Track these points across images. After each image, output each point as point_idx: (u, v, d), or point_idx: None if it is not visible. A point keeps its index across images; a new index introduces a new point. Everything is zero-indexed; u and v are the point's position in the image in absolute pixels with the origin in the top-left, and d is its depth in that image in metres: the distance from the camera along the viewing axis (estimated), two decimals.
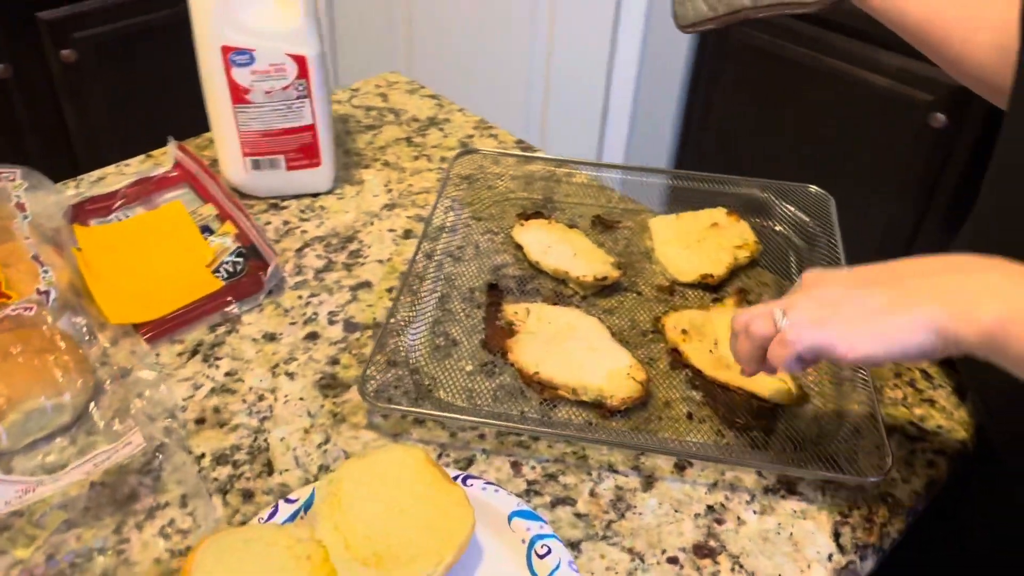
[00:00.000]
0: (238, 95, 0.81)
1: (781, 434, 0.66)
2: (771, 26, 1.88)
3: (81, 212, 0.84)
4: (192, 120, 0.91)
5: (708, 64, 2.06)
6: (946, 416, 0.69)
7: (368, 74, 1.14)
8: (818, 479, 0.63)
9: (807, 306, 0.51)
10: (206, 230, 0.83)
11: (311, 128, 0.85)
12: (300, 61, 0.80)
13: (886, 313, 0.48)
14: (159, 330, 0.73)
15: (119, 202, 0.85)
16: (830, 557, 0.58)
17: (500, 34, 2.15)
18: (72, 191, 0.88)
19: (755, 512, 0.61)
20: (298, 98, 0.82)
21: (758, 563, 0.58)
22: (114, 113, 1.83)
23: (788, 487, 0.63)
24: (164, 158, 0.93)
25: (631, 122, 2.22)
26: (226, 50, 0.78)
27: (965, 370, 0.71)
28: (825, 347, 0.49)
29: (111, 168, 0.93)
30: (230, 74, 0.80)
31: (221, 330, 0.74)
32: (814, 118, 1.91)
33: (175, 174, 0.89)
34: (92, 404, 0.64)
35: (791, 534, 0.59)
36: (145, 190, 0.87)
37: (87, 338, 0.69)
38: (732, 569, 0.57)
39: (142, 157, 0.95)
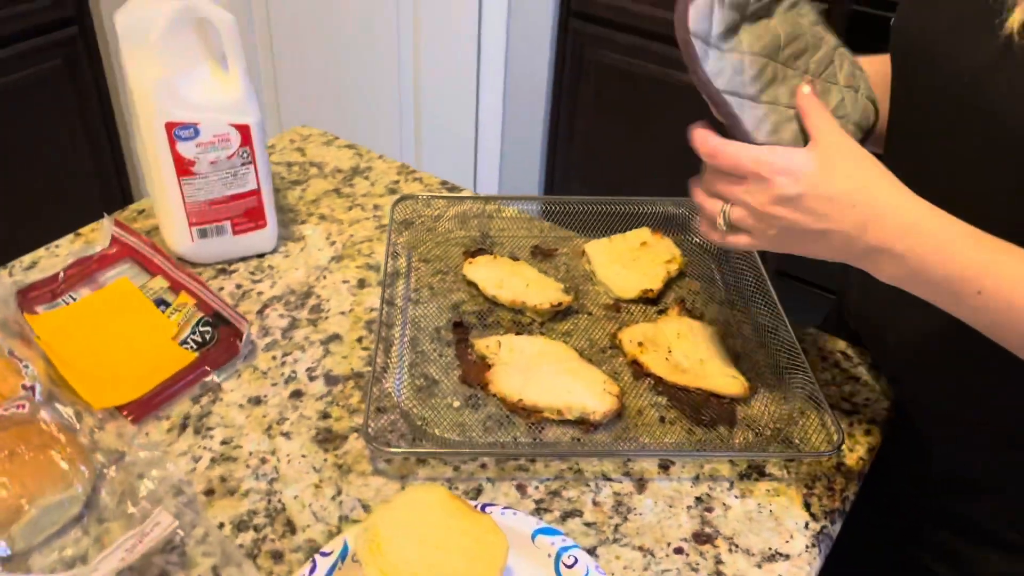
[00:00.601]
0: (183, 168, 0.82)
1: (742, 424, 0.75)
2: (623, 46, 2.02)
3: (25, 300, 0.82)
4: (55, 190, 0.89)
5: (567, 86, 2.18)
6: (869, 389, 0.80)
7: None
8: (782, 459, 0.72)
9: (747, 218, 0.62)
10: (161, 303, 0.83)
11: (256, 192, 0.87)
12: (243, 129, 0.83)
13: (808, 248, 0.62)
14: (142, 409, 0.73)
15: (62, 285, 0.84)
16: (807, 526, 0.67)
17: (367, 71, 2.19)
18: (8, 280, 0.85)
19: (736, 497, 0.69)
20: (243, 165, 0.84)
21: (750, 541, 0.66)
22: None
23: (759, 471, 0.71)
24: (95, 235, 0.92)
25: (502, 148, 2.32)
26: (170, 126, 0.80)
27: (874, 355, 0.83)
28: (750, 249, 0.66)
29: (41, 251, 0.91)
30: (175, 148, 0.81)
31: (204, 400, 0.75)
32: (670, 130, 2.05)
33: (115, 251, 0.88)
34: (103, 492, 0.65)
35: (771, 511, 0.68)
36: (86, 270, 0.86)
37: (77, 427, 0.68)
38: (730, 550, 0.65)
39: (71, 237, 0.93)
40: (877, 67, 0.75)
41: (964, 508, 0.75)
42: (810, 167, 0.60)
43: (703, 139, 0.64)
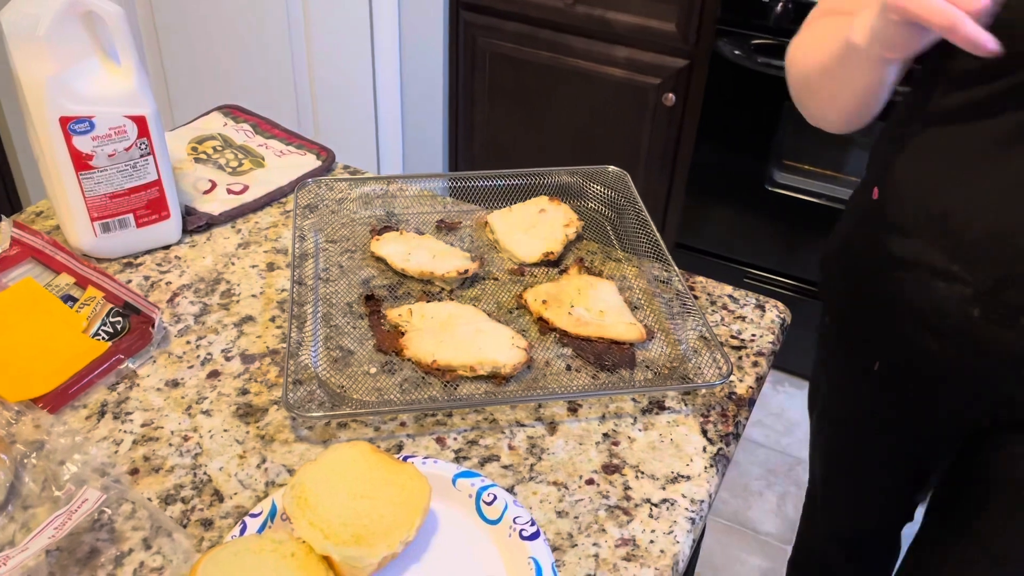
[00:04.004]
0: (81, 162, 0.82)
1: (641, 366, 0.80)
2: (512, 34, 2.07)
3: None
4: None
5: (463, 76, 2.22)
6: (755, 326, 0.87)
7: None
8: (679, 393, 0.78)
9: None
10: (68, 299, 0.83)
11: (157, 183, 0.88)
12: (139, 121, 0.83)
13: None
14: (56, 401, 0.74)
15: None
16: (704, 449, 0.73)
17: (259, 66, 2.18)
18: None
19: (640, 430, 0.75)
20: (141, 156, 0.85)
21: (654, 467, 0.71)
22: None
23: (659, 405, 0.77)
24: None
25: (403, 142, 2.34)
26: (64, 120, 0.80)
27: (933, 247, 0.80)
28: None
29: None
30: (71, 143, 0.81)
31: (121, 387, 0.76)
32: (566, 112, 2.13)
33: (15, 252, 0.87)
34: (27, 479, 0.65)
35: (672, 439, 0.74)
36: None
37: None
38: (636, 476, 0.70)
39: None
40: None
41: None
42: None
43: None
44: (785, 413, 2.06)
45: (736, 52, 1.80)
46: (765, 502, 1.85)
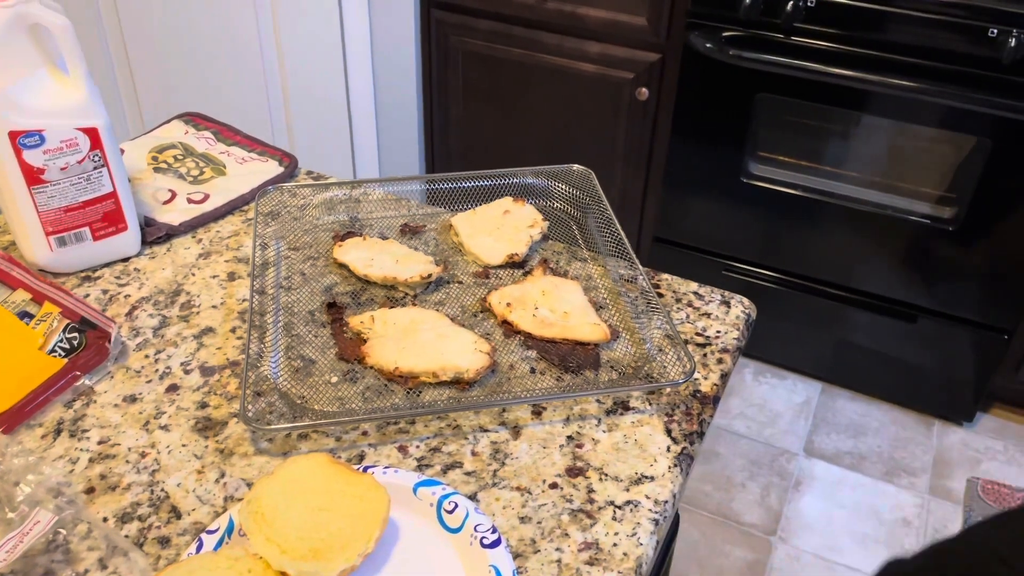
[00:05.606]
0: (33, 177, 0.81)
1: (606, 366, 0.80)
2: (485, 32, 2.06)
3: None
4: None
5: (436, 75, 2.21)
6: (720, 323, 0.86)
7: None
8: (644, 393, 0.77)
9: None
10: (24, 316, 0.82)
11: (113, 195, 0.86)
12: (91, 133, 0.82)
13: None
14: (11, 420, 0.72)
15: None
16: (668, 449, 0.73)
17: (230, 73, 2.16)
18: None
19: (604, 431, 0.74)
20: (95, 169, 0.84)
21: (618, 468, 0.71)
22: None
23: (623, 406, 0.77)
24: None
25: (378, 143, 2.33)
26: (13, 135, 0.79)
27: None
28: None
29: None
30: (21, 157, 0.80)
31: (78, 404, 0.75)
32: (541, 109, 2.13)
33: None
34: None
35: (636, 440, 0.73)
36: None
37: None
38: (600, 479, 0.70)
39: None
40: None
41: None
42: None
43: None
44: (767, 404, 2.07)
45: (708, 45, 1.80)
46: (748, 493, 1.86)
